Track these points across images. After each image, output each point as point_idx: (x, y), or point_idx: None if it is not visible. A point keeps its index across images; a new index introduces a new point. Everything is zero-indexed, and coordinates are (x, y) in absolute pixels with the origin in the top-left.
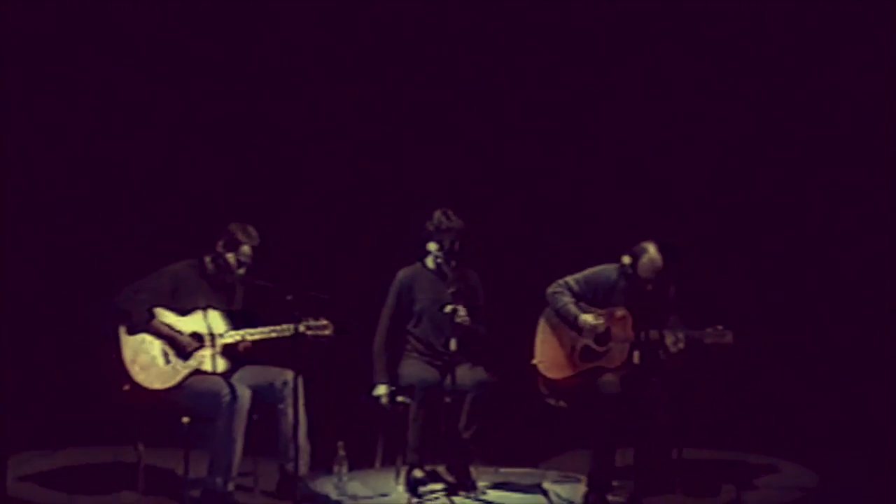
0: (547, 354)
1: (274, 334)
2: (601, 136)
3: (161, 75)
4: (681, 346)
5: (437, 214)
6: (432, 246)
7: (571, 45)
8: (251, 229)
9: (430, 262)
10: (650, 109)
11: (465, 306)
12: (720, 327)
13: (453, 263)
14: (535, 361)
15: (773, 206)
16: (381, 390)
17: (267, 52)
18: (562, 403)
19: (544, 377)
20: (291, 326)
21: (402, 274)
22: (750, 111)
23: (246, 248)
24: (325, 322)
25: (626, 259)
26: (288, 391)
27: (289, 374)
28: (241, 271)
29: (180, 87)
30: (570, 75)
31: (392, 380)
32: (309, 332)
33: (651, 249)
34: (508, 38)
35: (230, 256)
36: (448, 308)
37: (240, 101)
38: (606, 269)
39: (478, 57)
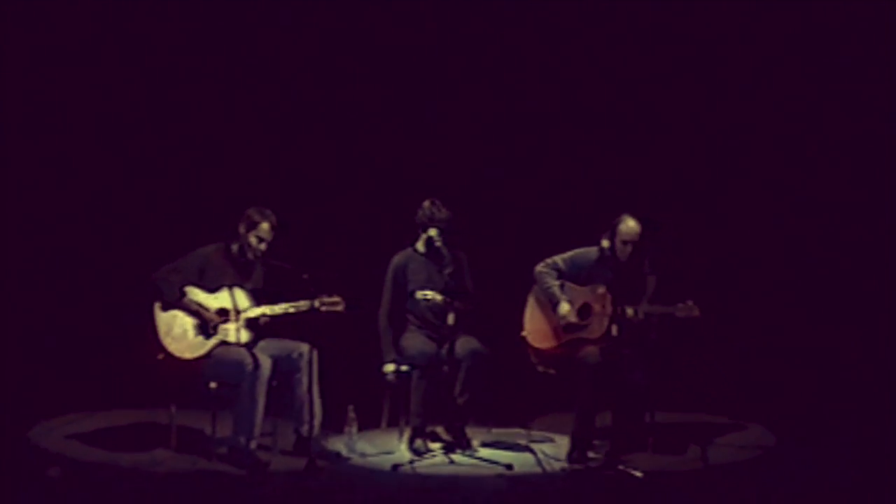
0: (535, 327)
1: (292, 310)
2: (587, 122)
3: (190, 68)
4: (641, 316)
5: (427, 205)
6: (433, 232)
7: (558, 33)
8: (266, 210)
9: (420, 246)
10: (630, 93)
11: (446, 288)
12: (689, 302)
13: (443, 245)
14: (524, 333)
15: (740, 187)
16: (389, 368)
17: (279, 46)
18: (549, 371)
19: (533, 347)
20: (307, 303)
21: (396, 259)
22: (719, 91)
23: (265, 226)
24: (337, 299)
25: (605, 242)
26: (304, 362)
27: (304, 347)
28: (263, 246)
29: (203, 84)
30: (561, 59)
31: (397, 354)
32: (323, 308)
33: (627, 218)
34: (496, 27)
35: (252, 236)
36: (419, 294)
37: (259, 98)
38: (588, 251)
39: (466, 48)
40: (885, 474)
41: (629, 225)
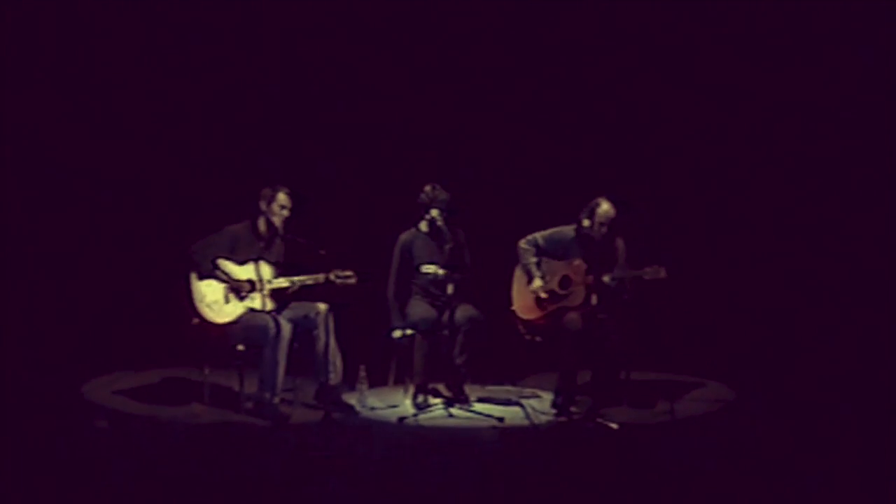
0: (521, 300)
1: (310, 281)
2: (569, 109)
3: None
4: (615, 282)
5: (429, 188)
6: (434, 212)
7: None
8: (279, 187)
9: (423, 226)
10: (610, 79)
11: (450, 262)
12: (656, 266)
13: (444, 225)
14: (512, 308)
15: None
16: (397, 333)
17: (291, 27)
18: (536, 338)
19: (521, 319)
20: (323, 275)
21: (402, 237)
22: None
23: (281, 196)
24: (350, 273)
25: (586, 222)
26: (321, 319)
27: (322, 307)
28: (285, 213)
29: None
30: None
31: (403, 320)
32: (338, 281)
33: (604, 203)
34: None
35: (273, 207)
36: (423, 269)
37: (277, 82)
38: (565, 229)
39: (460, 41)
40: (833, 424)
41: (604, 209)
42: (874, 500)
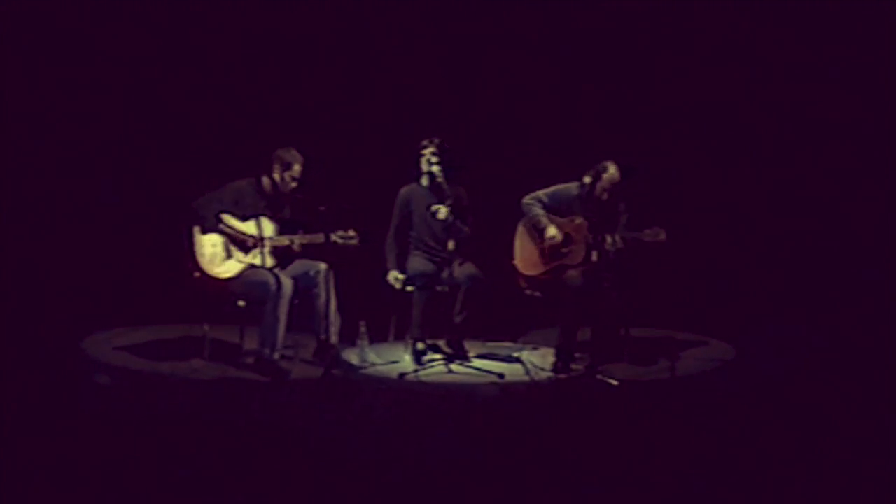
0: (523, 255)
1: (313, 240)
2: (576, 77)
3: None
4: (619, 245)
5: (426, 140)
6: (424, 164)
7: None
8: (294, 151)
9: (424, 181)
10: (619, 51)
11: (449, 209)
12: (656, 228)
13: (444, 181)
14: (514, 262)
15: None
16: (392, 275)
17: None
18: (536, 294)
19: (522, 274)
20: (326, 235)
21: (403, 191)
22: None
23: (297, 167)
24: (352, 233)
25: (588, 178)
26: (321, 278)
27: (322, 265)
28: (294, 184)
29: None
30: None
31: (401, 270)
32: (339, 241)
33: (611, 167)
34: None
35: (287, 176)
36: (433, 208)
37: (281, 43)
38: (569, 186)
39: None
40: (833, 385)
41: (612, 174)
42: (873, 461)
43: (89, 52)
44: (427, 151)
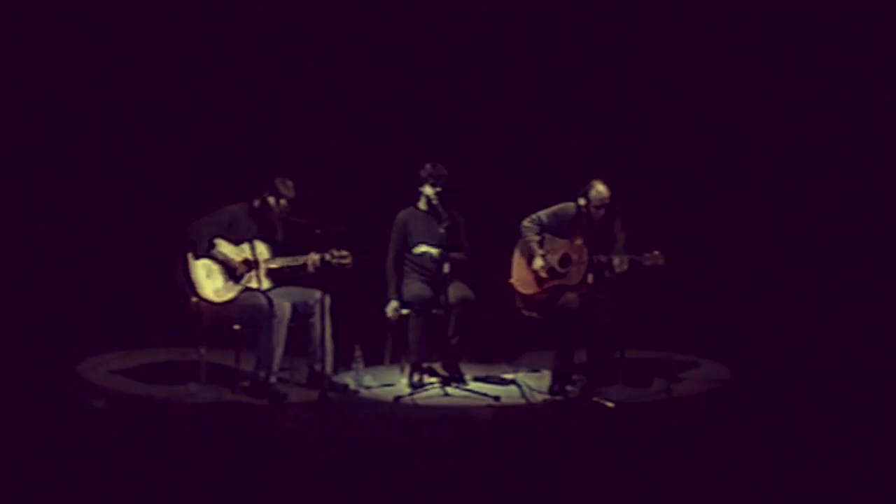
0: (520, 276)
1: (306, 261)
2: (570, 93)
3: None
4: (624, 267)
5: (428, 166)
6: (429, 190)
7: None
8: (289, 183)
9: (422, 204)
10: (609, 62)
11: (448, 244)
12: (656, 252)
13: (441, 204)
14: (511, 281)
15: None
16: (392, 304)
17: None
18: (532, 314)
19: (519, 293)
20: (319, 256)
21: (400, 215)
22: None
23: (284, 202)
24: (345, 253)
25: (582, 201)
26: (317, 307)
27: (318, 294)
28: (284, 203)
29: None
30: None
31: (399, 298)
32: (333, 261)
33: (597, 184)
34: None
35: (272, 200)
36: (416, 250)
37: (278, 64)
38: (568, 206)
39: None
40: (829, 403)
41: (599, 190)
42: (872, 479)
43: (85, 67)
44: (425, 174)
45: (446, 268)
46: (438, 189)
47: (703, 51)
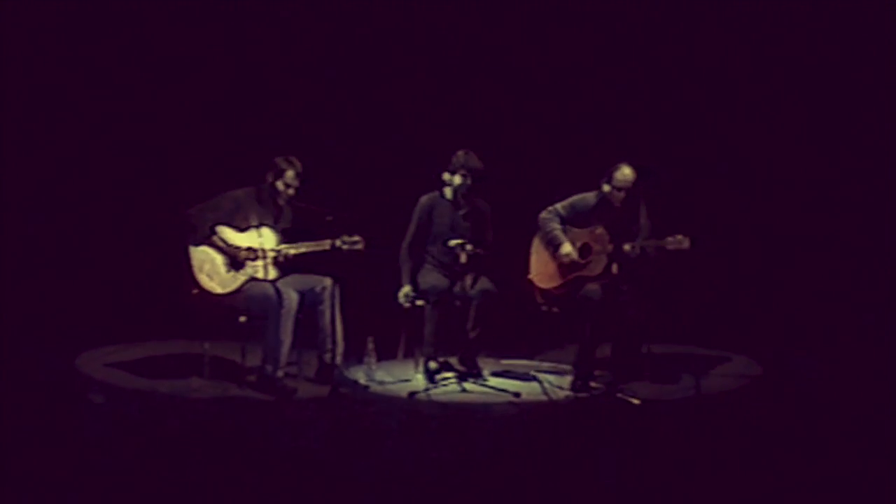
0: (540, 269)
1: (317, 248)
2: (588, 83)
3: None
4: (637, 251)
5: (461, 153)
6: (457, 180)
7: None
8: (292, 158)
9: (448, 192)
10: (628, 50)
11: (471, 235)
12: (679, 236)
13: (465, 194)
14: (530, 276)
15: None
16: (405, 290)
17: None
18: (553, 310)
19: (538, 288)
20: (329, 241)
21: (424, 199)
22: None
23: (290, 173)
24: (357, 238)
25: (606, 187)
26: (326, 295)
27: (328, 281)
28: (291, 192)
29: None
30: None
31: (413, 285)
32: (344, 247)
33: (623, 167)
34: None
35: (279, 183)
36: (452, 242)
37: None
38: (587, 196)
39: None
40: (860, 400)
41: (624, 173)
42: None
43: (82, 63)
44: (457, 163)
45: (463, 258)
46: (469, 182)
47: (733, 33)
